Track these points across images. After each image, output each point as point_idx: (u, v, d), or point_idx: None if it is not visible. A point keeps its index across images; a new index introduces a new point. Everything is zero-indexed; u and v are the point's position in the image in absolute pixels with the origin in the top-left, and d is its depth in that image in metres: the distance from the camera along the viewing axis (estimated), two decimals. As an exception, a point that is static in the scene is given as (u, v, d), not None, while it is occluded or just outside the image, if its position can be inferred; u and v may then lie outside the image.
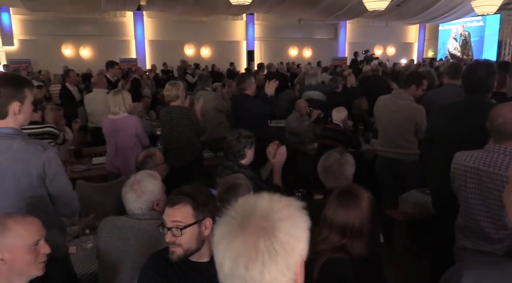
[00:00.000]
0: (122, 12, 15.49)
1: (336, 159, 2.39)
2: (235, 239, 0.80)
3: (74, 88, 6.79)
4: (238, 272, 0.79)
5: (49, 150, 1.92)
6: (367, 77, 7.31)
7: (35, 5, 11.78)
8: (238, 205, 0.87)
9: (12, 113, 1.86)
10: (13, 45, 14.74)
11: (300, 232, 0.84)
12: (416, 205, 3.48)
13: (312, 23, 18.21)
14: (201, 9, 13.83)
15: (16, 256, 1.48)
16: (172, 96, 3.95)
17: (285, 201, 0.88)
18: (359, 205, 1.81)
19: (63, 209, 2.06)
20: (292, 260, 0.81)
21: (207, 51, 17.42)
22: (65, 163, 3.82)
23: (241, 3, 10.36)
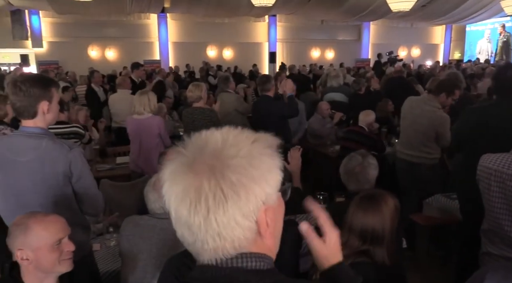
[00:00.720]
0: (146, 15, 15.77)
1: (358, 162, 2.35)
2: (180, 179, 0.69)
3: (100, 88, 6.94)
4: (182, 216, 0.69)
5: (75, 150, 1.96)
6: (391, 79, 7.19)
7: (63, 8, 12.13)
8: (191, 140, 0.74)
9: (41, 112, 1.91)
10: (42, 47, 15.21)
11: (261, 173, 0.69)
12: (441, 210, 3.40)
13: (335, 24, 18.07)
14: (223, 10, 13.94)
15: (39, 255, 1.52)
16: (195, 97, 3.99)
17: (248, 136, 0.73)
18: (380, 210, 1.76)
19: (87, 208, 2.10)
20: (248, 206, 0.68)
21: (229, 52, 17.53)
22: (91, 162, 3.90)
23: (264, 4, 10.38)
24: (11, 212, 1.97)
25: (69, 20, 14.86)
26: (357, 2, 12.89)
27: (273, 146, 0.74)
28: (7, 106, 3.67)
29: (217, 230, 0.67)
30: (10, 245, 1.53)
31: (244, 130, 0.75)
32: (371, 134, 4.53)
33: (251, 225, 0.69)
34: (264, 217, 0.70)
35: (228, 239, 0.68)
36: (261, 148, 0.72)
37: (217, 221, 0.67)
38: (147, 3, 12.96)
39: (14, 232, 1.52)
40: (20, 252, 1.50)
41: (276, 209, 0.74)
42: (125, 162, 4.35)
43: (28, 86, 1.86)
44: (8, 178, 1.92)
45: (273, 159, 0.72)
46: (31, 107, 1.88)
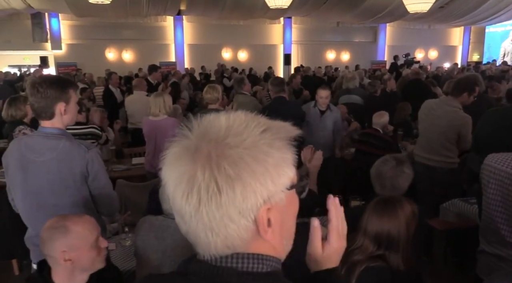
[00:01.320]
0: (162, 17, 15.94)
1: (391, 166, 2.23)
2: (177, 163, 0.63)
3: (117, 90, 7.04)
4: (176, 204, 0.64)
5: (92, 151, 1.99)
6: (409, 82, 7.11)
7: (82, 11, 12.35)
8: (198, 122, 0.67)
9: (59, 113, 1.94)
10: (61, 49, 15.51)
11: (265, 169, 0.61)
12: (458, 214, 3.34)
13: (351, 26, 17.96)
14: (239, 13, 14.00)
15: (80, 254, 1.57)
16: (212, 98, 4.01)
17: (258, 124, 0.64)
18: (396, 215, 1.74)
19: (103, 208, 2.12)
20: (246, 203, 0.61)
21: (244, 54, 17.58)
22: (107, 162, 3.96)
23: (279, 7, 10.38)
24: (29, 210, 2.01)
25: (87, 23, 15.13)
26: (374, 4, 12.78)
27: (286, 137, 0.65)
28: (27, 107, 3.75)
29: (208, 225, 0.61)
30: (48, 249, 1.56)
31: (257, 117, 0.67)
32: (386, 137, 4.48)
33: (248, 224, 0.62)
34: (265, 216, 0.63)
35: (220, 236, 0.62)
36: (271, 139, 0.63)
37: (209, 215, 0.61)
38: (164, 6, 13.10)
39: (54, 235, 1.55)
40: (63, 253, 1.54)
41: (284, 208, 0.66)
42: (141, 162, 4.40)
43: (46, 87, 1.89)
44: (27, 178, 1.95)
45: (283, 153, 0.64)
46: (48, 108, 1.92)
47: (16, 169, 1.96)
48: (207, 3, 12.99)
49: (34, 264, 2.07)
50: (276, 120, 0.69)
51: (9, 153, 2.00)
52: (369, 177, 4.03)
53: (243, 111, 0.68)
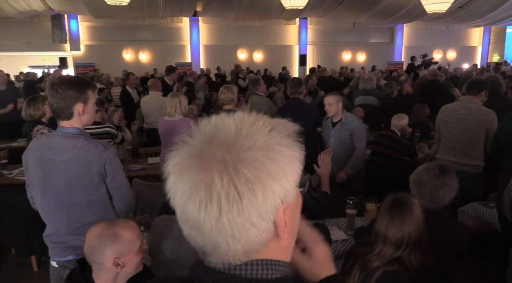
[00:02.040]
0: (179, 18, 16.08)
1: (432, 175, 2.05)
2: (187, 174, 0.60)
3: (134, 90, 7.11)
4: (191, 217, 0.61)
5: (110, 150, 2.01)
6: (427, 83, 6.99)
7: (101, 12, 12.55)
8: (199, 128, 0.64)
9: (77, 114, 1.97)
10: (79, 50, 15.80)
11: (280, 168, 0.61)
12: (477, 218, 3.27)
13: (367, 26, 17.80)
14: (254, 14, 14.02)
15: (130, 259, 1.61)
16: (227, 99, 4.03)
17: (264, 123, 0.63)
18: (413, 215, 1.72)
19: (120, 206, 2.14)
20: (266, 205, 0.60)
21: (259, 55, 17.60)
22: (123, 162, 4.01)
23: (295, 7, 10.35)
24: (48, 208, 2.05)
25: (105, 24, 15.37)
26: (391, 4, 12.64)
27: (292, 134, 0.65)
28: (45, 106, 3.83)
29: (230, 233, 0.60)
30: (98, 256, 1.58)
31: (260, 116, 0.66)
32: (403, 139, 4.42)
33: (269, 226, 0.61)
34: (283, 216, 0.62)
35: (242, 242, 0.61)
36: (279, 137, 0.62)
37: (231, 223, 0.59)
38: (180, 7, 13.21)
39: (105, 243, 1.57)
40: (116, 259, 1.57)
41: (294, 205, 0.65)
42: (156, 162, 4.44)
43: (65, 88, 1.93)
44: (46, 177, 1.99)
45: (292, 151, 0.63)
46: (67, 108, 1.95)
47: (36, 168, 2.00)
48: (223, 4, 13.05)
49: (53, 261, 2.10)
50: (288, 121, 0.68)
51: (29, 152, 2.04)
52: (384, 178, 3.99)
53: (245, 112, 0.67)
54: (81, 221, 1.98)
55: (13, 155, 4.70)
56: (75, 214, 2.01)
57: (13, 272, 3.77)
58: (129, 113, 6.12)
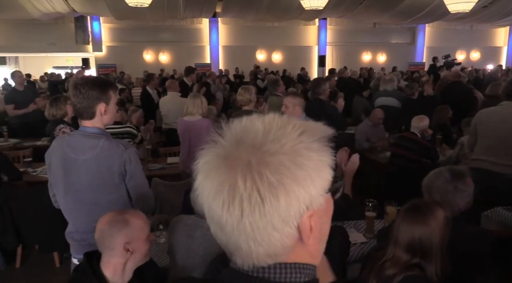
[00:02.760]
0: (198, 19, 16.21)
1: (444, 181, 2.00)
2: (214, 173, 0.61)
3: (154, 91, 7.21)
4: (215, 215, 0.61)
5: (130, 150, 2.04)
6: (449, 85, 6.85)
7: (122, 14, 12.76)
8: (230, 128, 0.64)
9: (99, 114, 2.00)
10: (101, 51, 16.10)
11: (307, 173, 0.59)
12: (501, 223, 3.17)
13: (388, 27, 17.56)
14: (274, 15, 14.01)
15: (139, 246, 1.66)
16: (245, 100, 4.03)
17: (294, 126, 0.62)
18: (427, 221, 1.65)
19: (139, 206, 2.16)
20: (289, 211, 0.59)
21: (278, 56, 17.58)
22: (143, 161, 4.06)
23: (314, 8, 10.29)
24: (70, 207, 2.09)
25: (126, 26, 15.63)
26: (412, 4, 12.43)
27: (323, 138, 0.63)
28: (67, 106, 3.92)
29: (251, 235, 0.59)
30: (108, 241, 1.63)
31: (291, 119, 0.64)
32: (424, 141, 4.34)
33: (292, 231, 0.60)
34: (308, 223, 0.61)
35: (263, 245, 0.60)
36: (309, 142, 0.61)
37: (252, 226, 0.59)
38: (200, 9, 13.31)
39: (116, 228, 1.63)
40: (127, 244, 1.63)
41: (323, 211, 0.64)
42: (175, 162, 4.48)
43: (87, 88, 1.96)
44: (68, 176, 2.03)
45: (322, 156, 0.61)
46: (89, 108, 1.98)
47: (58, 167, 2.04)
48: (242, 5, 13.09)
49: (74, 258, 2.15)
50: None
51: (51, 151, 2.09)
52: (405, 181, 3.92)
53: (276, 113, 0.66)
54: None
55: (37, 154, 4.83)
56: (95, 213, 2.03)
57: (36, 268, 3.87)
58: (149, 114, 6.20)
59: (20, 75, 6.38)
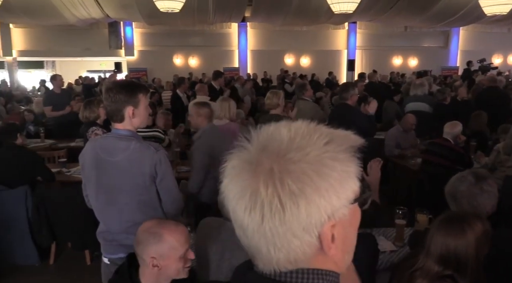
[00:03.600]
0: (227, 24, 16.38)
1: (468, 184, 1.97)
2: (238, 177, 0.62)
3: (184, 94, 7.33)
4: (238, 218, 0.63)
5: (161, 152, 2.08)
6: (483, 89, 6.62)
7: (154, 19, 13.06)
8: (257, 133, 0.64)
9: (128, 116, 2.04)
10: (133, 55, 16.53)
11: (329, 184, 0.59)
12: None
13: (420, 30, 17.16)
14: (303, 19, 13.97)
15: (168, 264, 1.64)
16: (273, 104, 4.03)
17: (321, 135, 0.62)
18: (463, 233, 1.58)
19: (168, 207, 2.19)
20: (310, 219, 0.59)
21: (307, 60, 17.50)
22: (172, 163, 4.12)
23: (344, 12, 10.20)
24: (102, 207, 2.15)
25: (157, 31, 15.99)
26: (446, 7, 12.10)
27: (351, 148, 0.63)
28: (100, 109, 4.04)
29: (271, 240, 0.60)
30: (140, 251, 1.64)
31: (319, 127, 0.64)
32: (457, 148, 4.20)
33: (312, 240, 0.61)
34: (329, 233, 0.61)
35: (283, 251, 0.61)
36: (335, 152, 0.61)
37: (272, 231, 0.59)
38: (229, 13, 13.45)
39: (148, 240, 1.63)
40: (152, 259, 1.61)
41: (348, 222, 0.64)
42: (203, 165, 4.52)
43: (116, 92, 2.01)
44: (100, 177, 2.08)
45: (348, 166, 0.61)
46: (118, 111, 2.03)
47: (91, 168, 2.10)
48: (271, 10, 13.12)
49: (105, 257, 2.20)
50: (338, 127, 0.67)
51: (85, 152, 2.15)
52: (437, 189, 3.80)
53: (304, 121, 0.66)
54: (133, 220, 2.05)
55: (72, 154, 5.00)
56: (126, 214, 2.08)
57: (69, 264, 4.00)
58: (179, 117, 6.30)
59: (61, 79, 6.65)
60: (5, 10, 10.65)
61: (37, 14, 12.22)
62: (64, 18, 12.48)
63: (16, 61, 16.09)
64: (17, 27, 15.62)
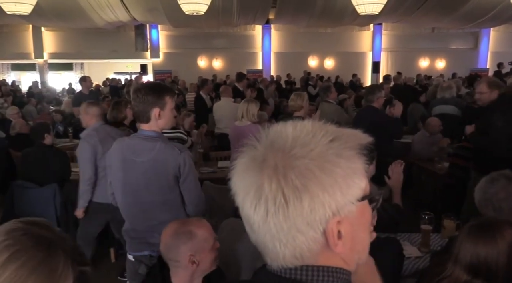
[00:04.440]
0: (251, 26, 16.44)
1: (502, 186, 1.92)
2: (245, 174, 0.64)
3: (207, 96, 7.41)
4: (244, 214, 0.65)
5: (185, 153, 2.12)
6: (514, 91, 6.38)
7: (179, 22, 13.25)
8: (266, 133, 0.66)
9: (154, 117, 2.08)
10: (158, 57, 16.81)
11: (334, 180, 0.60)
12: None
13: (447, 31, 16.75)
14: (327, 20, 13.87)
15: (204, 257, 1.67)
16: (297, 106, 4.03)
17: (326, 133, 0.63)
18: (494, 241, 1.52)
19: (191, 208, 2.22)
20: (314, 215, 0.59)
21: (331, 62, 17.35)
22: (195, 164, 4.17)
23: (369, 13, 10.06)
24: (127, 206, 2.19)
25: (182, 33, 16.20)
26: (476, 7, 11.76)
27: (357, 146, 0.63)
28: (127, 110, 4.13)
29: (276, 236, 0.61)
30: (174, 254, 1.66)
31: (324, 126, 0.65)
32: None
33: (317, 236, 0.61)
34: (335, 229, 0.61)
35: (288, 247, 0.62)
36: (340, 149, 0.61)
37: (276, 227, 0.61)
38: (253, 15, 13.50)
39: (179, 241, 1.65)
40: (192, 257, 1.64)
41: (356, 219, 0.63)
42: (226, 166, 4.55)
43: (144, 93, 2.06)
44: (127, 177, 2.13)
45: (353, 163, 0.62)
46: (145, 112, 2.08)
47: (117, 168, 2.15)
48: (295, 12, 13.09)
49: (130, 255, 2.24)
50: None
51: (112, 152, 2.20)
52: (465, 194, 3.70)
53: (310, 120, 0.67)
54: (157, 219, 2.09)
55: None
56: (151, 213, 2.13)
57: (94, 261, 4.08)
58: (202, 118, 6.37)
59: (90, 80, 6.86)
60: (37, 14, 11.03)
61: (67, 17, 12.61)
62: (92, 21, 12.83)
63: (47, 63, 16.65)
64: (48, 30, 16.16)
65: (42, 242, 0.79)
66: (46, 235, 0.80)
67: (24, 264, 0.75)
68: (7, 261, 0.74)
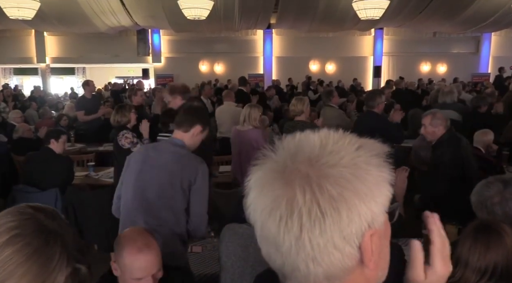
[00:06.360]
0: (253, 31, 16.50)
1: (497, 190, 1.91)
2: (269, 188, 0.58)
3: (208, 100, 7.41)
4: (270, 234, 0.57)
5: (204, 165, 2.22)
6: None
7: (180, 26, 13.31)
8: (283, 143, 0.62)
9: (192, 132, 2.26)
10: (160, 62, 16.87)
11: (368, 188, 0.56)
12: None
13: (449, 36, 16.78)
14: (328, 25, 13.91)
15: (123, 275, 1.67)
16: (297, 110, 4.03)
17: (351, 141, 0.60)
18: (502, 243, 1.54)
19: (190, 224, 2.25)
20: (351, 227, 0.55)
21: (332, 66, 17.38)
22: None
23: (370, 18, 10.09)
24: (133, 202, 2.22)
25: (184, 38, 16.27)
26: (477, 12, 11.78)
27: (381, 154, 0.60)
28: (131, 114, 4.13)
29: (311, 254, 0.56)
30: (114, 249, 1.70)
31: (346, 134, 0.62)
32: (489, 157, 4.07)
33: (353, 251, 0.57)
34: (370, 243, 0.57)
35: (323, 266, 0.56)
36: (368, 156, 0.59)
37: (312, 243, 0.55)
38: (255, 20, 13.54)
39: (116, 242, 1.70)
40: (113, 263, 1.68)
41: (383, 232, 0.60)
42: (227, 170, 4.56)
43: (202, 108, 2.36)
44: (144, 174, 2.20)
45: (381, 171, 0.59)
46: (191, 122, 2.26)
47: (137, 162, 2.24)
48: (297, 16, 13.13)
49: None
50: (363, 135, 0.65)
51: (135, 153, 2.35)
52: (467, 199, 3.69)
53: (330, 128, 0.65)
54: (158, 220, 2.15)
55: (100, 158, 5.12)
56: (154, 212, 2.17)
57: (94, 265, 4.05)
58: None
59: (93, 84, 6.89)
60: (40, 19, 11.09)
61: (70, 22, 12.68)
62: (95, 26, 12.90)
63: (49, 68, 16.71)
64: (50, 35, 16.25)
65: (43, 230, 0.79)
66: (48, 224, 0.81)
67: (21, 249, 0.75)
68: (5, 244, 0.75)
